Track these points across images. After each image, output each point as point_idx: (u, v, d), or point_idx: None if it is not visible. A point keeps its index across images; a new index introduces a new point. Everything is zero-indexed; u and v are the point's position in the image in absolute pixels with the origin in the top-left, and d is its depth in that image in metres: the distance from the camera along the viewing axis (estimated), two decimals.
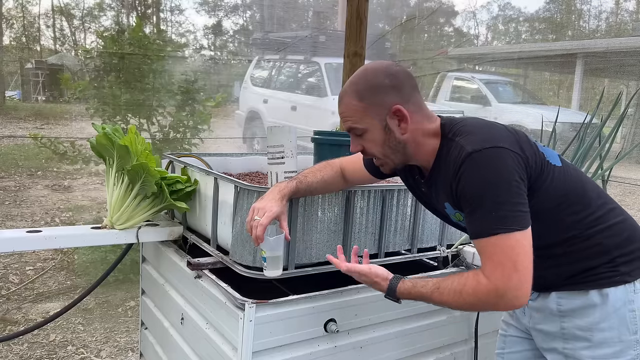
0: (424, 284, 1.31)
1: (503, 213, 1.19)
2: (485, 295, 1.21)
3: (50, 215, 5.48)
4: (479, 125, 1.31)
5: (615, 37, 8.99)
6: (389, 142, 1.33)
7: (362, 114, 1.32)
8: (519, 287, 1.19)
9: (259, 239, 1.39)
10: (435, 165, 1.35)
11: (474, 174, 1.21)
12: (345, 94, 1.35)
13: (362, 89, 1.32)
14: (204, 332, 1.66)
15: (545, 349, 1.45)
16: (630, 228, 1.38)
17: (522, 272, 1.19)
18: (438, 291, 1.28)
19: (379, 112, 1.31)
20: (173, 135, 4.38)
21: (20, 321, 3.28)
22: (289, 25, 9.84)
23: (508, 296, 1.19)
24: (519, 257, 1.19)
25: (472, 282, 1.23)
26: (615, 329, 1.32)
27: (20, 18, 21.38)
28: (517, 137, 1.29)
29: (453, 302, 1.27)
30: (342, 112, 1.36)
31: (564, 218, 1.33)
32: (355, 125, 1.34)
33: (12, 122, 11.97)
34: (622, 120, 2.59)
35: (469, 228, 1.27)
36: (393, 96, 1.31)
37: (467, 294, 1.23)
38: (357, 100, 1.32)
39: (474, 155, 1.21)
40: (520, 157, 1.24)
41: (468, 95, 10.01)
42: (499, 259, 1.20)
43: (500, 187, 1.19)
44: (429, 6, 11.47)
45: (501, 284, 1.19)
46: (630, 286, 1.33)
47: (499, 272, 1.19)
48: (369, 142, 1.35)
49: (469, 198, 1.22)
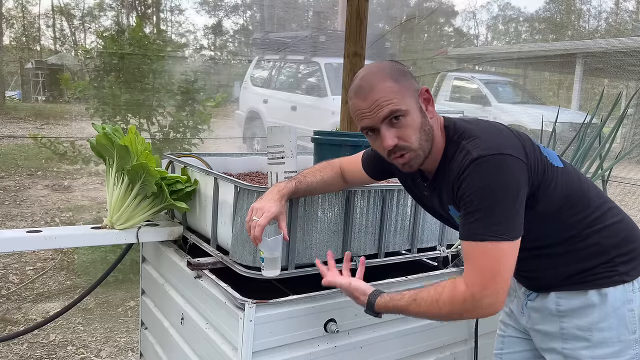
0: (401, 297, 1.31)
1: (496, 221, 1.19)
2: (462, 302, 1.21)
3: (50, 215, 5.48)
4: (485, 129, 1.30)
5: (615, 37, 8.99)
6: (424, 126, 1.28)
7: (401, 95, 1.25)
8: (494, 294, 1.19)
9: (257, 239, 1.39)
10: (440, 169, 1.34)
11: (476, 179, 1.21)
12: (375, 82, 1.26)
13: (392, 72, 1.27)
14: (204, 332, 1.66)
15: (544, 349, 1.45)
16: (628, 228, 1.38)
17: (499, 283, 1.20)
18: (415, 302, 1.27)
19: (413, 93, 1.28)
20: (173, 135, 4.38)
21: (20, 321, 3.28)
22: (289, 25, 9.84)
23: (483, 303, 1.20)
24: (501, 269, 1.20)
25: (449, 289, 1.23)
26: (615, 329, 1.32)
27: (20, 18, 21.39)
28: (522, 142, 1.28)
29: (429, 312, 1.26)
30: (376, 99, 1.24)
31: (565, 219, 1.33)
32: (397, 107, 1.24)
33: (12, 122, 11.97)
34: (622, 120, 2.59)
35: (460, 228, 1.26)
36: (415, 81, 1.31)
37: (444, 303, 1.23)
38: (392, 82, 1.25)
39: (479, 161, 1.21)
40: (524, 164, 1.23)
41: (468, 95, 10.01)
42: (481, 266, 1.20)
43: (499, 195, 1.19)
44: (429, 6, 11.47)
45: (478, 291, 1.19)
46: (629, 285, 1.33)
47: (479, 279, 1.20)
48: (408, 128, 1.26)
49: (468, 201, 1.22)
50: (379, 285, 1.68)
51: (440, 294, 1.24)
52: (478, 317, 1.24)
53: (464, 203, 1.23)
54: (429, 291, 1.27)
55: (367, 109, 1.26)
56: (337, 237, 1.69)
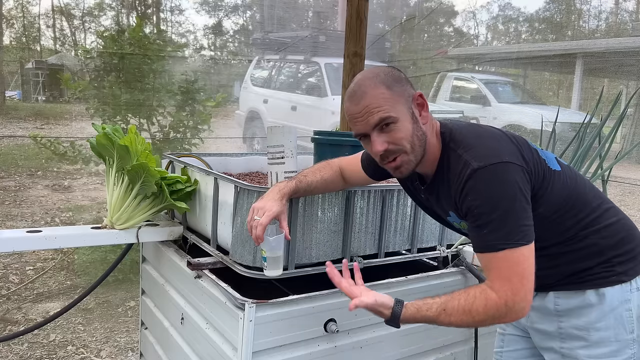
0: (429, 307, 1.28)
1: (509, 229, 1.20)
2: (495, 311, 1.22)
3: (50, 215, 5.48)
4: (480, 136, 1.30)
5: (615, 37, 9.00)
6: (416, 132, 1.29)
7: (392, 102, 1.27)
8: (524, 298, 1.21)
9: (259, 238, 1.38)
10: (438, 175, 1.35)
11: (480, 191, 1.22)
12: (368, 87, 1.27)
13: (386, 79, 1.28)
14: (204, 332, 1.66)
15: (543, 348, 1.46)
16: (626, 228, 1.39)
17: (527, 285, 1.21)
18: (445, 313, 1.26)
19: (406, 99, 1.29)
20: (173, 135, 4.38)
21: (20, 321, 3.28)
22: (289, 25, 9.83)
23: (516, 308, 1.21)
24: (525, 271, 1.21)
25: (480, 299, 1.23)
26: (612, 329, 1.33)
27: (20, 18, 21.39)
28: (518, 146, 1.29)
29: (462, 321, 1.25)
30: (367, 105, 1.27)
31: (563, 221, 1.33)
32: (387, 114, 1.26)
33: (12, 122, 11.97)
34: (621, 120, 2.59)
35: (473, 242, 1.27)
36: (410, 87, 1.31)
37: (477, 312, 1.23)
38: (385, 89, 1.27)
39: (480, 172, 1.21)
40: (524, 169, 1.24)
41: (468, 95, 10.01)
42: (506, 274, 1.21)
43: (506, 203, 1.20)
44: (429, 6, 11.46)
45: (510, 298, 1.20)
46: (626, 285, 1.33)
47: (508, 286, 1.20)
48: (398, 134, 1.27)
49: (476, 214, 1.23)
50: (379, 285, 1.69)
51: (472, 304, 1.23)
52: (511, 321, 1.25)
53: (472, 216, 1.24)
54: (458, 300, 1.25)
55: (359, 114, 1.28)
56: (337, 237, 1.69)
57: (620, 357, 1.34)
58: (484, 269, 1.27)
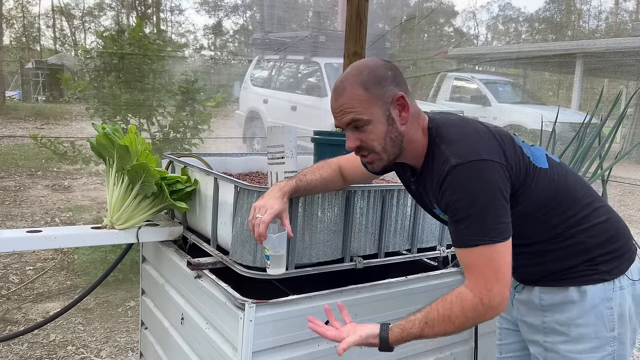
0: (412, 324, 1.29)
1: (485, 225, 1.21)
2: (473, 311, 1.23)
3: (50, 215, 5.48)
4: (463, 132, 1.31)
5: (615, 37, 9.00)
6: (390, 134, 1.32)
7: (367, 104, 1.29)
8: (499, 293, 1.22)
9: (262, 236, 1.38)
10: (424, 168, 1.37)
11: (457, 187, 1.23)
12: (348, 86, 1.30)
13: (367, 79, 1.29)
14: (204, 332, 1.66)
15: (529, 340, 1.49)
16: (614, 227, 1.39)
17: (502, 280, 1.22)
18: (427, 326, 1.27)
19: (384, 101, 1.30)
20: (173, 135, 4.38)
21: (20, 321, 3.28)
22: (289, 25, 9.83)
23: (492, 304, 1.22)
24: (500, 267, 1.22)
25: (457, 304, 1.24)
26: (592, 326, 1.35)
27: (20, 18, 21.40)
28: (501, 144, 1.29)
29: (446, 330, 1.26)
30: (343, 104, 1.31)
31: (549, 219, 1.35)
32: (359, 116, 1.29)
33: (12, 122, 11.98)
34: (621, 120, 2.59)
35: (452, 236, 1.29)
36: (394, 87, 1.31)
37: (456, 317, 1.24)
38: (362, 90, 1.29)
39: (458, 169, 1.23)
40: (503, 166, 1.25)
41: (468, 95, 10.02)
42: (480, 270, 1.22)
43: (483, 200, 1.21)
44: (429, 6, 11.47)
45: (485, 295, 1.21)
46: (609, 284, 1.35)
47: (482, 283, 1.22)
48: (370, 135, 1.31)
49: (454, 209, 1.24)
50: (379, 285, 1.69)
51: (451, 310, 1.24)
52: (491, 318, 1.25)
53: (451, 211, 1.26)
54: (437, 310, 1.26)
55: (336, 111, 1.34)
56: (337, 237, 1.69)
57: (600, 354, 1.36)
58: (462, 266, 1.27)
